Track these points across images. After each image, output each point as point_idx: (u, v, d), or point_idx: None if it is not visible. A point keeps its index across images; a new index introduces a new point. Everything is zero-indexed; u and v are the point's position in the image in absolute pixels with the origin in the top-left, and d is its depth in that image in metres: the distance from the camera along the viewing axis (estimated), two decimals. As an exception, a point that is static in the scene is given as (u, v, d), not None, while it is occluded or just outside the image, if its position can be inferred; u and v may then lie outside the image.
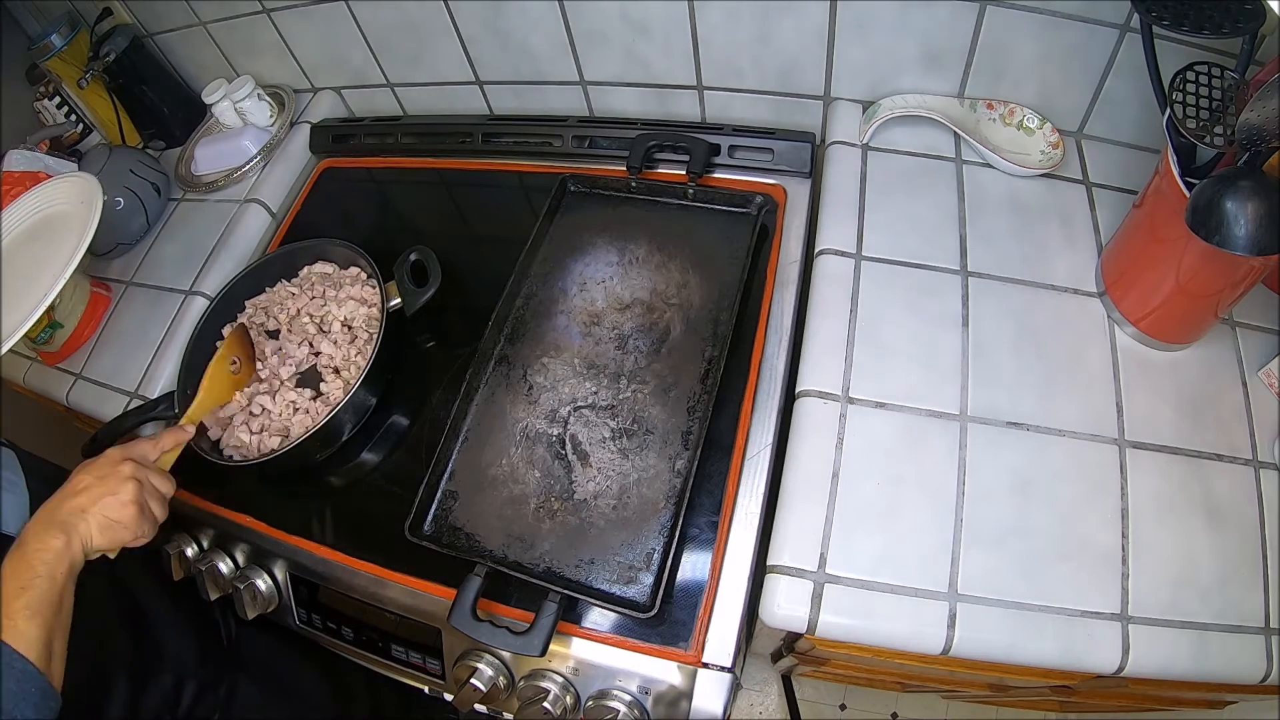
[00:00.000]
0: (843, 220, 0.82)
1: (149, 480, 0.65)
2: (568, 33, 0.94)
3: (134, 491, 0.62)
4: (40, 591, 0.54)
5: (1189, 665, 0.60)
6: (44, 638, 0.53)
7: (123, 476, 0.63)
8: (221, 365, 0.79)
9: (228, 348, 0.80)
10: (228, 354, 0.80)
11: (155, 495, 0.65)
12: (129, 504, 0.62)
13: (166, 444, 0.70)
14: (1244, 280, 0.64)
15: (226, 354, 0.80)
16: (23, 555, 0.56)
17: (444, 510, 0.75)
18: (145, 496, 0.64)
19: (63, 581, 0.56)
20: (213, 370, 0.78)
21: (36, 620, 0.53)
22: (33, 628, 0.53)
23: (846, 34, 0.84)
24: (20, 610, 0.53)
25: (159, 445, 0.70)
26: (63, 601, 0.56)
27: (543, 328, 0.84)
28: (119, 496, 0.61)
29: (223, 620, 0.84)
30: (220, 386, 0.78)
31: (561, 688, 0.67)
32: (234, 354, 0.81)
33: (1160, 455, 0.67)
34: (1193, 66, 0.58)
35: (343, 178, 1.10)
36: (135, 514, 0.62)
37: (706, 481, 0.72)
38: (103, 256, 1.07)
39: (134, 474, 0.63)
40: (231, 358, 0.80)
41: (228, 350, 0.80)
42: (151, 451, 0.69)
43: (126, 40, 1.10)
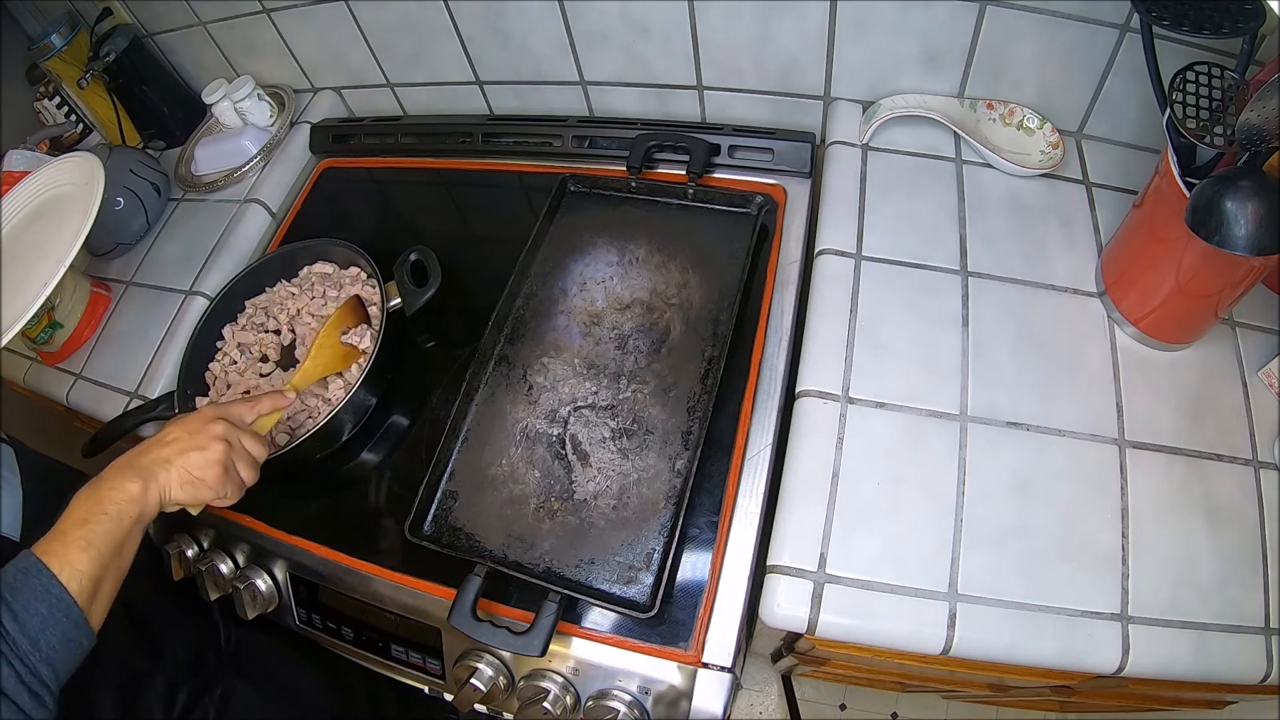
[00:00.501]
0: (843, 220, 0.82)
1: (239, 442, 0.64)
2: (568, 33, 0.94)
3: (222, 451, 0.62)
4: (102, 529, 0.54)
5: (1189, 665, 0.60)
6: (93, 574, 0.52)
7: (213, 434, 0.62)
8: (333, 333, 0.75)
9: (339, 317, 0.76)
10: (340, 321, 0.76)
11: (245, 458, 0.64)
12: (215, 463, 0.61)
13: (264, 408, 0.69)
14: (1244, 280, 0.64)
15: (339, 321, 0.75)
16: (96, 492, 0.56)
17: (444, 510, 0.75)
18: (233, 457, 0.63)
19: (129, 525, 0.56)
20: (323, 338, 0.74)
21: (90, 554, 0.52)
22: (84, 561, 0.52)
23: (846, 34, 0.84)
24: (76, 541, 0.53)
25: (256, 408, 0.69)
26: (124, 546, 0.55)
27: (543, 328, 0.84)
28: (206, 454, 0.61)
29: (222, 623, 0.84)
30: (331, 355, 0.75)
31: (561, 688, 0.67)
32: (348, 323, 0.76)
33: (1160, 455, 0.67)
34: (1193, 66, 0.58)
35: (343, 178, 1.10)
36: (219, 474, 0.62)
37: (706, 481, 0.72)
38: (103, 256, 1.07)
39: (225, 434, 0.63)
40: (344, 327, 0.76)
41: (340, 318, 0.76)
42: (248, 414, 0.68)
43: (126, 40, 1.10)
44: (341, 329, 0.76)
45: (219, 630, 0.83)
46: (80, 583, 0.52)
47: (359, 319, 0.78)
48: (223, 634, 0.83)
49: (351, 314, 0.78)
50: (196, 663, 0.78)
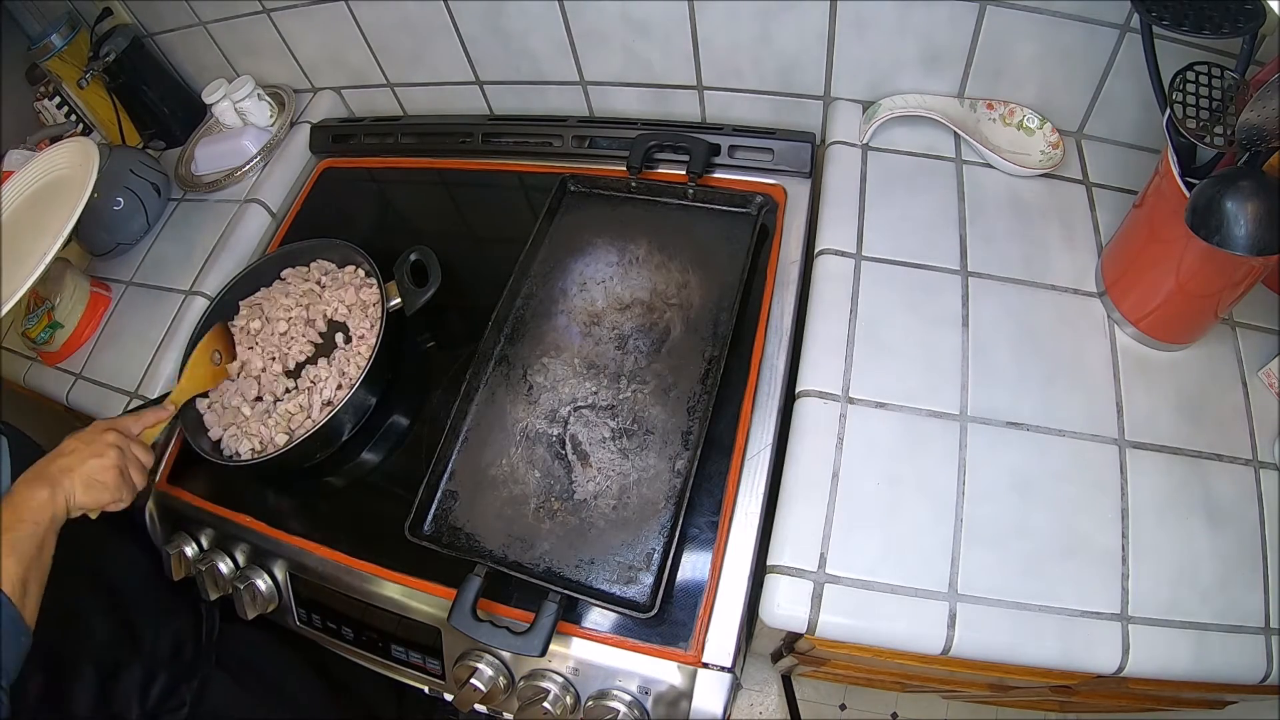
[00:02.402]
0: (843, 220, 0.82)
1: (130, 450, 0.70)
2: (568, 33, 0.94)
3: (116, 457, 0.68)
4: (23, 534, 0.60)
5: (1189, 665, 0.60)
6: (20, 575, 0.58)
7: (106, 443, 0.68)
8: (204, 355, 0.84)
9: (209, 341, 0.85)
10: (210, 345, 0.85)
11: (135, 464, 0.70)
12: (110, 468, 0.67)
13: (148, 420, 0.75)
14: (1244, 280, 0.64)
15: (209, 345, 0.84)
16: (11, 502, 0.62)
17: (444, 510, 0.75)
18: (126, 463, 0.69)
19: (44, 529, 0.61)
20: (194, 360, 0.83)
21: (14, 557, 0.58)
22: (11, 564, 0.58)
23: (846, 34, 0.84)
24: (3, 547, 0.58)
25: (141, 421, 0.74)
26: (43, 547, 0.61)
27: (543, 328, 0.84)
28: (102, 460, 0.67)
29: (207, 615, 0.85)
30: (201, 375, 0.83)
31: (561, 688, 0.67)
32: (216, 346, 0.85)
33: (1160, 455, 0.67)
34: (1193, 66, 0.58)
35: (343, 178, 1.10)
36: (116, 477, 0.67)
37: (706, 481, 0.72)
38: (103, 256, 1.07)
39: (116, 442, 0.69)
40: (214, 349, 0.85)
41: (210, 342, 0.85)
42: (134, 426, 0.74)
43: (126, 40, 1.10)
44: (210, 350, 0.85)
45: (201, 621, 0.84)
46: (12, 585, 0.57)
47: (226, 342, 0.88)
48: (205, 625, 0.84)
49: (220, 338, 0.87)
50: (175, 652, 0.80)
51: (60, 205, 0.88)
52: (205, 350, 0.84)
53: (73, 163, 0.94)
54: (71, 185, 0.90)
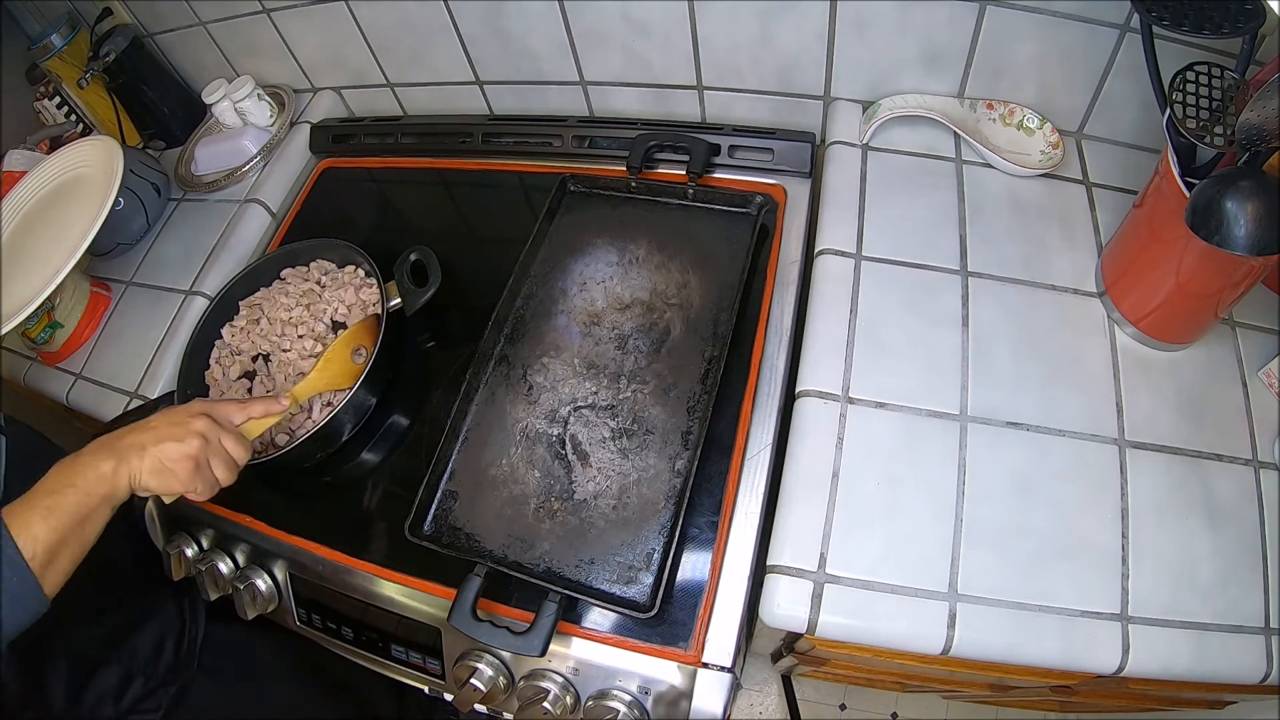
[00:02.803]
0: (843, 220, 0.82)
1: (219, 440, 0.64)
2: (568, 33, 0.94)
3: (197, 446, 0.62)
4: (68, 501, 0.55)
5: (1189, 665, 0.60)
6: (51, 541, 0.54)
7: (193, 429, 0.62)
8: (344, 349, 0.75)
9: (354, 334, 0.77)
10: (353, 340, 0.77)
11: (221, 457, 0.64)
12: (188, 457, 0.61)
13: (255, 411, 0.69)
14: (1244, 280, 0.64)
15: (352, 339, 0.76)
16: (72, 465, 0.58)
17: (444, 510, 0.75)
18: (208, 454, 0.63)
19: (95, 502, 0.57)
20: (333, 353, 0.75)
21: (50, 523, 0.54)
22: (43, 528, 0.54)
23: (846, 34, 0.84)
24: (41, 507, 0.54)
25: (247, 410, 0.68)
26: (87, 520, 0.57)
27: (543, 328, 0.84)
28: (181, 446, 0.61)
29: (190, 618, 0.83)
30: (338, 371, 0.75)
31: (561, 688, 0.67)
32: (360, 343, 0.77)
33: (1160, 455, 0.67)
34: (1193, 66, 0.58)
35: (343, 178, 1.10)
36: (190, 468, 0.61)
37: (706, 481, 0.72)
38: (103, 256, 1.07)
39: (204, 430, 0.63)
40: (357, 345, 0.77)
41: (353, 337, 0.77)
42: (237, 414, 0.67)
43: (126, 40, 1.10)
44: (354, 346, 0.76)
45: (184, 624, 0.82)
46: (35, 547, 0.53)
47: (374, 339, 0.77)
48: (189, 628, 0.82)
49: (367, 333, 0.77)
50: (156, 654, 0.78)
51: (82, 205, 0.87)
52: (347, 344, 0.75)
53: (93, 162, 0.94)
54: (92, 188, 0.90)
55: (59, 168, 0.97)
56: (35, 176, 0.97)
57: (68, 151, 0.97)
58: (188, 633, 0.82)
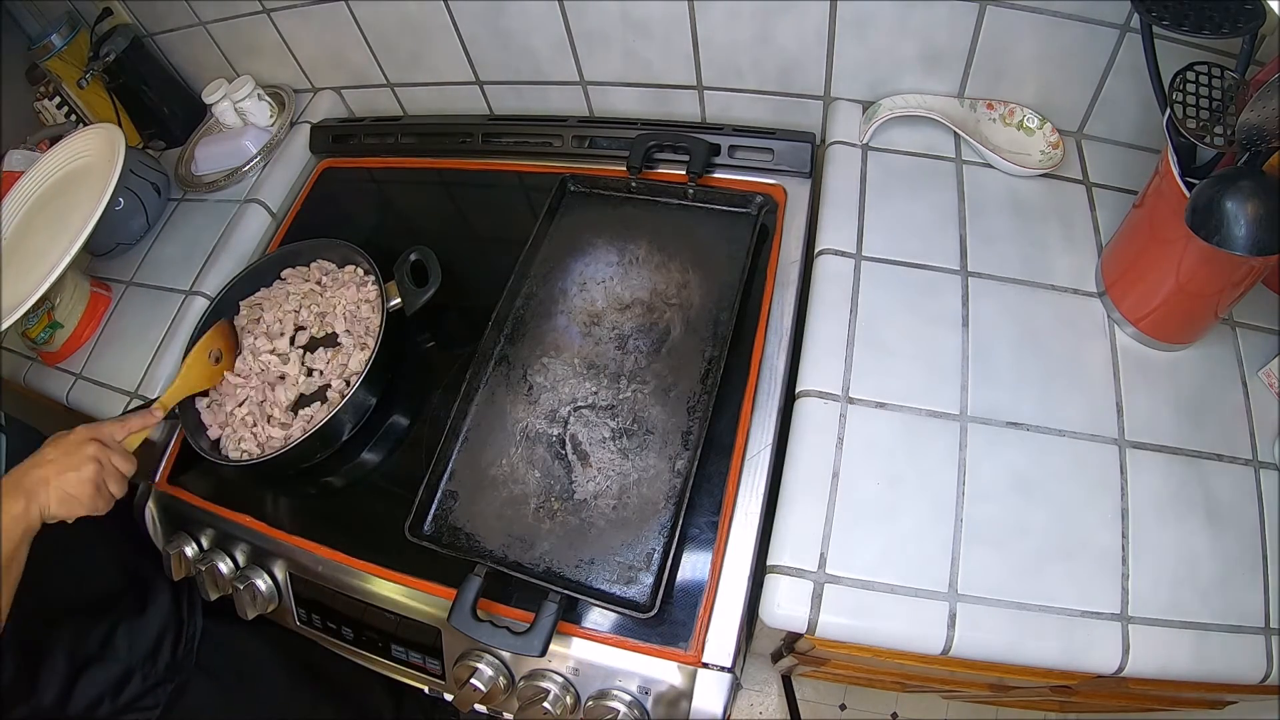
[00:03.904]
0: (843, 220, 0.82)
1: (110, 461, 0.69)
2: (568, 33, 0.94)
3: (94, 471, 0.67)
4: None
5: (1189, 665, 0.60)
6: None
7: (86, 455, 0.67)
8: (201, 354, 0.82)
9: (210, 339, 0.83)
10: (209, 344, 0.83)
11: (114, 475, 0.69)
12: (87, 481, 0.66)
13: (134, 426, 0.74)
14: (1244, 280, 0.64)
15: (208, 344, 0.82)
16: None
17: (444, 510, 0.75)
18: (104, 476, 0.68)
19: (16, 540, 0.62)
20: (192, 359, 0.81)
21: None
22: None
23: (846, 34, 0.84)
24: None
25: (126, 427, 0.73)
26: (14, 557, 0.62)
27: (543, 328, 0.84)
28: (79, 473, 0.66)
29: (188, 617, 0.84)
30: (198, 375, 0.81)
31: (561, 688, 0.67)
32: (215, 346, 0.83)
33: (1160, 455, 0.67)
34: (1193, 66, 0.58)
35: (343, 178, 1.10)
36: (92, 492, 0.66)
37: (706, 481, 0.72)
38: (103, 256, 1.07)
39: (96, 454, 0.67)
40: (213, 349, 0.83)
41: (209, 341, 0.83)
42: (119, 432, 0.72)
43: (126, 40, 1.10)
44: (209, 350, 0.82)
45: (182, 623, 0.83)
46: None
47: (229, 342, 0.85)
48: (186, 627, 0.83)
49: (221, 337, 0.84)
50: (153, 652, 0.79)
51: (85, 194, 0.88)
52: (204, 349, 0.82)
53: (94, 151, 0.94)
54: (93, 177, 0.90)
55: (62, 158, 0.97)
56: (39, 169, 0.97)
57: (69, 142, 0.97)
58: (185, 631, 0.83)
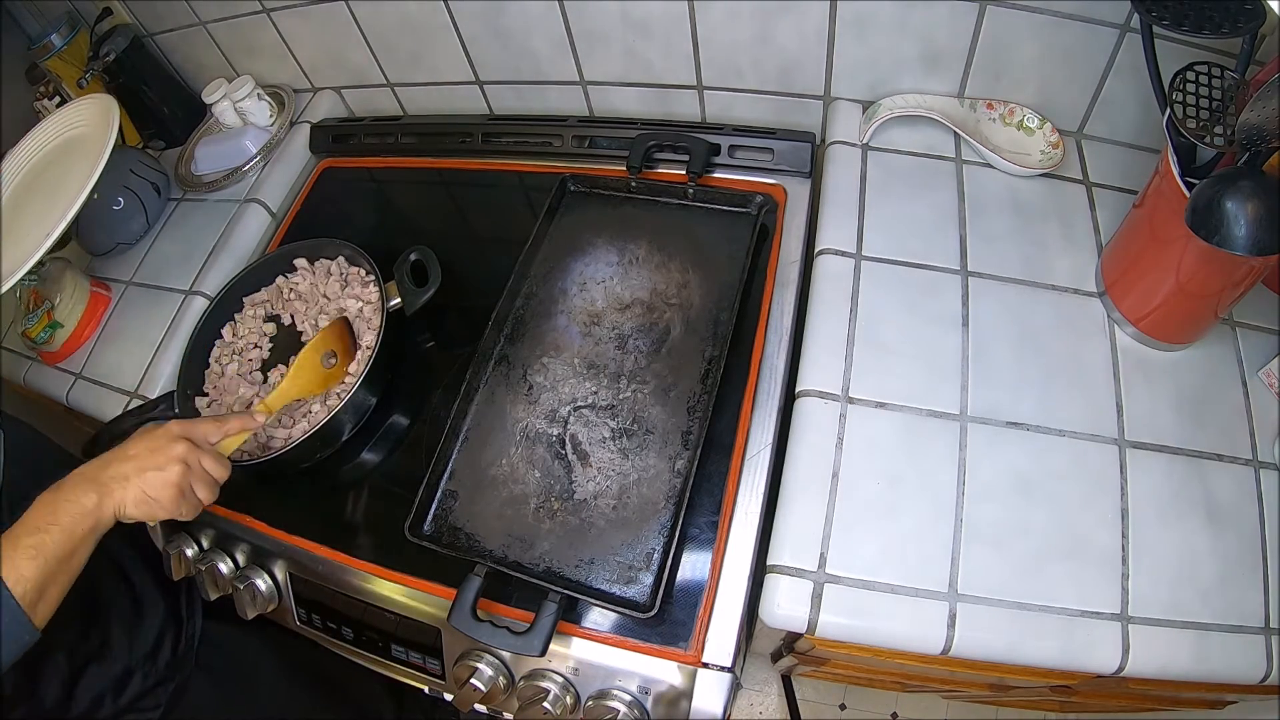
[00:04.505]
0: (843, 220, 0.82)
1: (199, 464, 0.64)
2: (568, 33, 0.94)
3: (179, 473, 0.62)
4: (53, 539, 0.56)
5: (1189, 665, 0.60)
6: (39, 578, 0.54)
7: (173, 455, 0.62)
8: (314, 355, 0.73)
9: (323, 338, 0.74)
10: (323, 344, 0.73)
11: (203, 479, 0.64)
12: (171, 485, 0.61)
13: (232, 428, 0.68)
14: (1244, 280, 0.64)
15: (321, 344, 0.73)
16: (54, 500, 0.58)
17: (444, 510, 0.75)
18: (190, 479, 0.63)
19: (80, 536, 0.57)
20: (303, 359, 0.72)
21: (38, 561, 0.55)
22: (31, 566, 0.54)
23: (846, 34, 0.84)
24: (26, 548, 0.55)
25: (223, 428, 0.68)
26: (74, 555, 0.57)
27: (543, 328, 0.84)
28: (163, 474, 0.61)
29: (188, 616, 0.83)
30: (309, 378, 0.73)
31: (561, 688, 0.67)
32: (330, 346, 0.74)
33: (1160, 455, 0.67)
34: (1193, 66, 0.58)
35: (343, 178, 1.10)
36: (174, 495, 0.62)
37: (706, 481, 0.72)
38: (103, 256, 1.07)
39: (184, 455, 0.62)
40: (328, 350, 0.74)
41: (323, 340, 0.74)
42: (213, 433, 0.67)
43: (126, 40, 1.10)
44: (324, 351, 0.74)
45: (182, 622, 0.82)
46: (25, 587, 0.54)
47: (345, 342, 0.75)
48: (186, 626, 0.82)
49: (337, 337, 0.75)
50: (154, 652, 0.78)
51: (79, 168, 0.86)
52: (316, 350, 0.73)
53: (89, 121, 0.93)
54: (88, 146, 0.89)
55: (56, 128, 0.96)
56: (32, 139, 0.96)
57: (63, 112, 0.96)
58: (185, 630, 0.83)
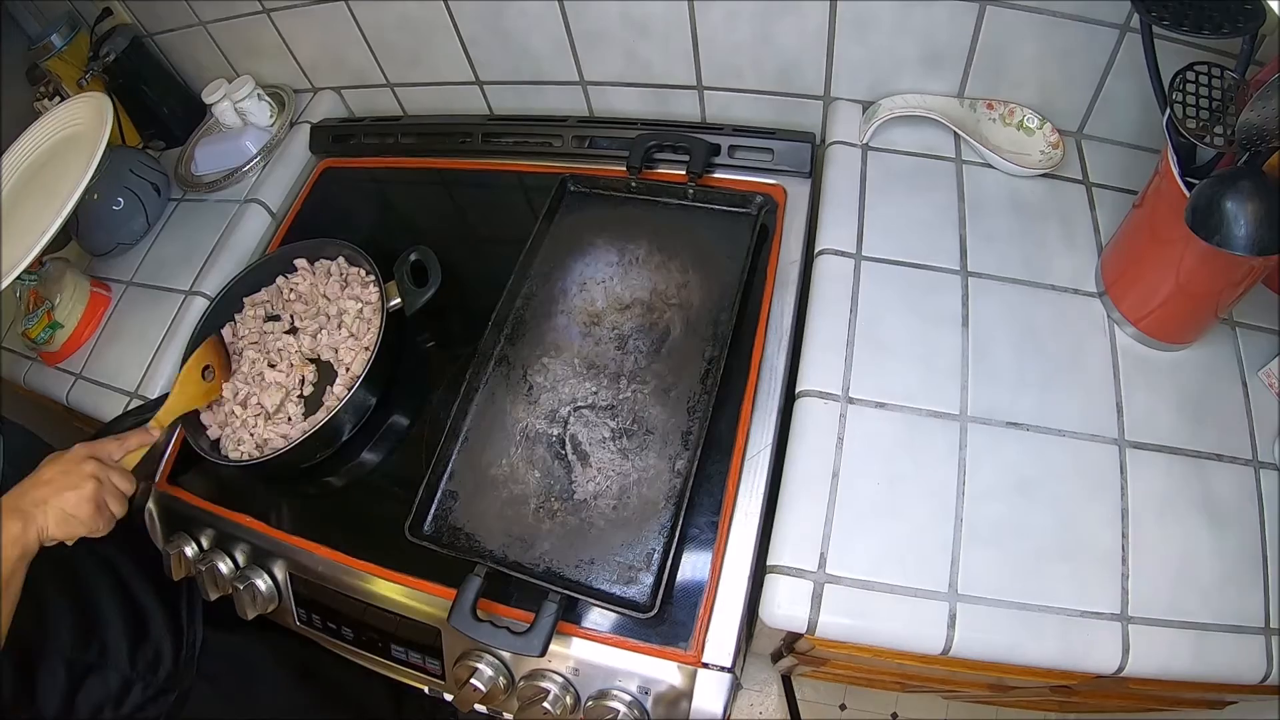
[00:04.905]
0: (843, 220, 0.82)
1: (109, 479, 0.68)
2: (568, 33, 0.94)
3: (93, 490, 0.65)
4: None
5: (1189, 665, 0.60)
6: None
7: (84, 474, 0.66)
8: (193, 372, 0.80)
9: (201, 355, 0.82)
10: (200, 361, 0.81)
11: (114, 493, 0.68)
12: (87, 500, 0.65)
13: (132, 444, 0.73)
14: (1244, 280, 0.64)
15: (199, 361, 0.81)
16: None
17: (444, 510, 0.75)
18: (104, 495, 0.66)
19: (12, 563, 0.61)
20: (185, 375, 0.80)
21: None
22: None
23: (846, 34, 0.84)
24: None
25: (124, 445, 0.72)
26: (11, 579, 0.61)
27: (543, 328, 0.84)
28: (79, 492, 0.64)
29: (189, 625, 0.84)
30: (193, 391, 0.80)
31: (561, 688, 0.67)
32: (207, 361, 0.82)
33: (1160, 455, 0.67)
34: (1193, 66, 0.58)
35: (343, 178, 1.10)
36: (92, 511, 0.65)
37: (706, 481, 0.72)
38: (103, 256, 1.07)
39: (95, 472, 0.66)
40: (204, 364, 0.82)
41: (200, 357, 0.81)
42: (116, 450, 0.71)
43: (126, 40, 1.10)
44: (201, 365, 0.81)
45: (183, 630, 0.83)
46: None
47: (220, 357, 0.84)
48: (187, 635, 0.83)
49: (213, 352, 0.83)
50: (155, 661, 0.79)
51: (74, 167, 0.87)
52: (195, 366, 0.81)
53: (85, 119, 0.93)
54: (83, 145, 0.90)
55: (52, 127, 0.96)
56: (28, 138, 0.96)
57: (59, 111, 0.96)
58: (186, 639, 0.83)
